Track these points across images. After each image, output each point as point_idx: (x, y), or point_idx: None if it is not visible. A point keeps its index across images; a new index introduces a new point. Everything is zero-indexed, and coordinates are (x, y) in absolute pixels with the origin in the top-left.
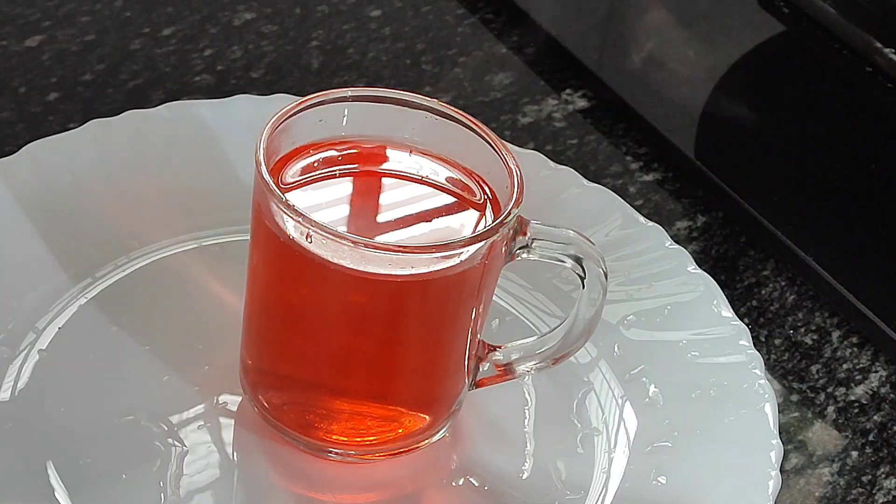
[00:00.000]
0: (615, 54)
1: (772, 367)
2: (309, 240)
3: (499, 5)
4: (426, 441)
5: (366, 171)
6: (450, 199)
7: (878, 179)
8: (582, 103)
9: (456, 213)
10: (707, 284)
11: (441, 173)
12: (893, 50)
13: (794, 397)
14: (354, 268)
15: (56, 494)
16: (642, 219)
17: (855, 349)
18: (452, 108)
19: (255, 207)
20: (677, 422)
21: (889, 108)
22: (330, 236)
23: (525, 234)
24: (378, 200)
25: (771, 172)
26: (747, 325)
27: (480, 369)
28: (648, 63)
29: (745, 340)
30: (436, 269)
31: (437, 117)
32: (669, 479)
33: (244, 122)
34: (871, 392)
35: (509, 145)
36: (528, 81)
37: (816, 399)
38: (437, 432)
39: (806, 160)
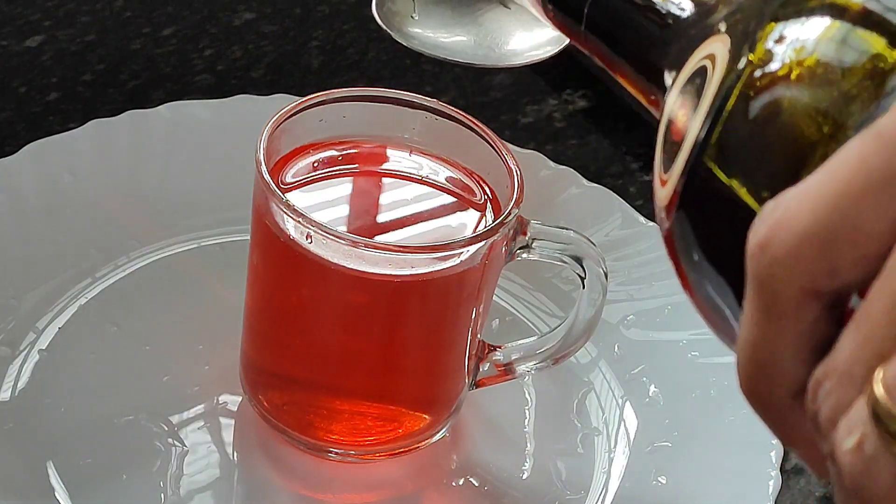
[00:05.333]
0: None
1: None
2: (309, 240)
3: None
4: (426, 441)
5: (366, 171)
6: (450, 199)
7: None
8: (582, 103)
9: (456, 213)
10: None
11: (441, 173)
12: None
13: None
14: (354, 268)
15: (56, 494)
16: (642, 219)
17: None
18: (452, 108)
19: (255, 207)
20: (677, 422)
21: None
22: (330, 236)
23: (525, 234)
24: (378, 200)
25: None
26: None
27: (480, 369)
28: None
29: None
30: (436, 269)
31: (437, 117)
32: (669, 479)
33: (244, 122)
34: None
35: (509, 145)
36: (528, 81)
37: None
38: (437, 432)
39: None
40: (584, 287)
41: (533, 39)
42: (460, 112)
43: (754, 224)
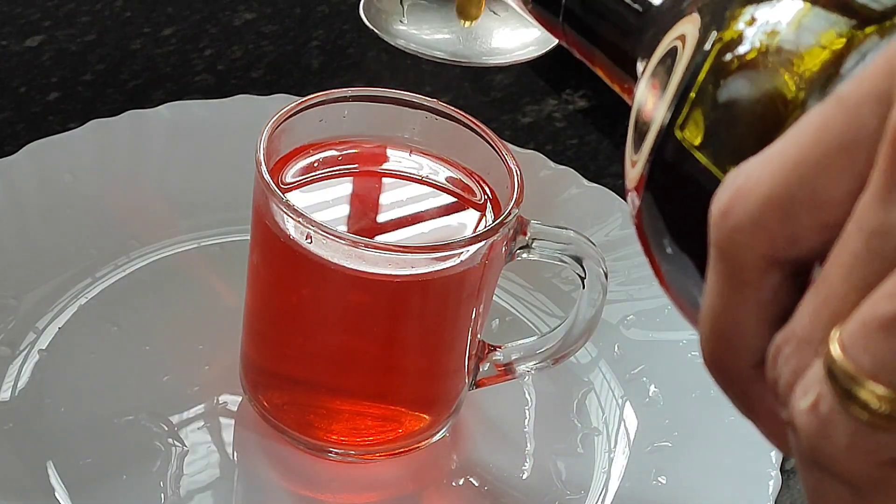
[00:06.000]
0: None
1: None
2: (309, 240)
3: None
4: (426, 441)
5: (366, 171)
6: (450, 199)
7: None
8: (582, 103)
9: (456, 213)
10: None
11: (441, 173)
12: None
13: None
14: (354, 268)
15: (56, 494)
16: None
17: None
18: (452, 108)
19: (255, 207)
20: (677, 422)
21: None
22: (330, 236)
23: (525, 234)
24: (378, 200)
25: None
26: None
27: (480, 369)
28: None
29: None
30: (436, 269)
31: (437, 117)
32: (669, 479)
33: (244, 122)
34: None
35: (509, 145)
36: (528, 81)
37: None
38: (437, 432)
39: None
40: (584, 287)
41: (518, 40)
42: (460, 112)
43: (717, 192)
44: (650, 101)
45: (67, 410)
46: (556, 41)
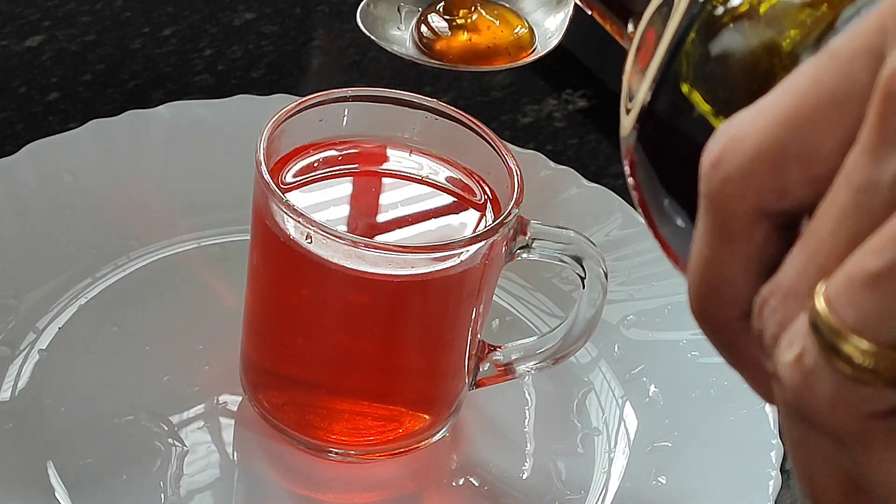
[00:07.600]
0: (615, 54)
1: None
2: (309, 240)
3: None
4: (426, 441)
5: (366, 171)
6: (450, 199)
7: None
8: (582, 103)
9: (456, 213)
10: None
11: (441, 173)
12: None
13: None
14: (354, 268)
15: (56, 494)
16: (642, 219)
17: None
18: (452, 108)
19: (255, 207)
20: (677, 422)
21: None
22: (330, 236)
23: (525, 234)
24: (378, 200)
25: None
26: None
27: (480, 369)
28: None
29: None
30: (436, 269)
31: (437, 117)
32: (669, 479)
33: (244, 122)
34: None
35: (509, 145)
36: (528, 81)
37: None
38: (437, 432)
39: None
40: (584, 287)
41: None
42: (460, 112)
43: (708, 143)
44: (646, 49)
45: (67, 410)
46: (552, 45)
